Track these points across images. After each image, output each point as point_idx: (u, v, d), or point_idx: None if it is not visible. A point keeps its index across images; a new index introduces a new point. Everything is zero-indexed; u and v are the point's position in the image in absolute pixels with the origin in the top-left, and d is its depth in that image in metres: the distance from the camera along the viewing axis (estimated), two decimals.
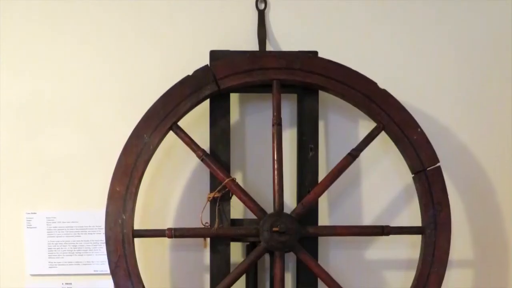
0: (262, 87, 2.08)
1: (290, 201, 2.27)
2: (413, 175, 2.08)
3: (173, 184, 2.28)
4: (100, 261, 2.27)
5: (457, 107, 2.31)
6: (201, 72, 2.02)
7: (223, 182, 2.02)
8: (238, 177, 2.26)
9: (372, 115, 2.07)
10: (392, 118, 2.05)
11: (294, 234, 1.98)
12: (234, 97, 2.22)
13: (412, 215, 2.28)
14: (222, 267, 2.11)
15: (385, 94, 2.06)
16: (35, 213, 2.26)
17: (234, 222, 2.14)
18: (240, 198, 2.04)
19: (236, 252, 2.25)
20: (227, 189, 2.05)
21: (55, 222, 2.26)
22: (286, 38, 2.26)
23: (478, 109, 2.32)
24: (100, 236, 2.24)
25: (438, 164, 2.05)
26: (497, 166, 2.33)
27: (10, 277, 2.29)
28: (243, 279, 2.14)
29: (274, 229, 1.95)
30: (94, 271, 2.28)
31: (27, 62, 2.25)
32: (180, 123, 2.03)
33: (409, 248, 2.30)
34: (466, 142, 2.32)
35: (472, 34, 2.31)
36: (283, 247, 1.99)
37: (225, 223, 2.09)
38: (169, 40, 2.24)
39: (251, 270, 2.16)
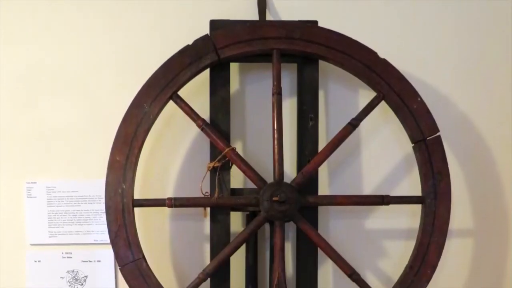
0: (262, 57, 2.10)
1: (290, 171, 2.30)
2: (413, 145, 2.12)
3: (173, 153, 2.30)
4: (100, 230, 2.31)
5: (457, 76, 2.33)
6: (201, 42, 2.05)
7: (223, 151, 2.05)
8: (238, 146, 2.29)
9: (372, 85, 2.10)
10: (392, 87, 2.08)
11: (294, 204, 2.01)
12: (234, 67, 2.24)
13: (412, 185, 2.32)
14: (222, 236, 2.15)
15: (385, 63, 2.09)
16: (35, 182, 2.29)
17: (234, 191, 2.17)
18: (240, 168, 2.07)
19: (236, 221, 2.29)
20: (227, 158, 2.07)
21: (55, 192, 2.30)
22: (286, 7, 2.27)
23: (478, 78, 2.34)
24: (100, 206, 2.28)
25: (438, 134, 2.09)
26: (497, 135, 2.36)
27: (10, 246, 2.32)
28: (243, 248, 2.19)
29: (274, 198, 1.98)
30: (94, 240, 2.32)
31: (26, 31, 2.27)
32: (180, 93, 2.06)
33: (409, 218, 2.34)
34: (466, 112, 2.34)
35: (472, 3, 2.32)
36: (283, 216, 2.02)
37: (225, 193, 2.12)
38: (169, 9, 2.26)
39: (251, 240, 2.21)
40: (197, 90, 2.23)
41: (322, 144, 2.17)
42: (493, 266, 2.42)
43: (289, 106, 2.30)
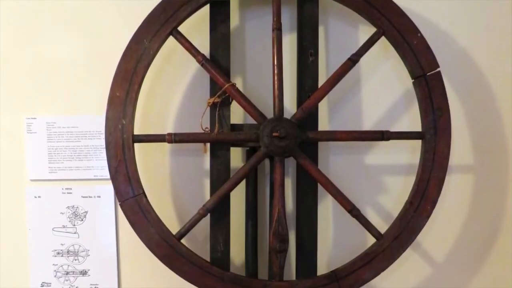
0: None
1: (290, 106, 2.36)
2: (413, 80, 2.16)
3: (173, 89, 2.37)
4: (100, 166, 2.39)
5: (457, 12, 2.36)
6: None
7: (223, 87, 2.11)
8: (238, 82, 2.35)
9: (372, 20, 2.13)
10: (392, 23, 2.12)
11: (294, 139, 2.08)
12: (234, 2, 2.29)
13: (412, 120, 2.38)
14: (222, 172, 2.23)
15: None
16: (35, 118, 2.37)
17: (234, 127, 2.24)
18: (240, 103, 2.13)
19: (236, 157, 2.38)
20: (227, 94, 2.13)
21: (55, 127, 2.37)
22: None
23: (478, 14, 2.37)
24: (100, 141, 2.37)
25: (438, 69, 2.13)
26: (497, 71, 2.39)
27: (11, 182, 2.41)
28: (243, 184, 2.28)
29: (274, 134, 2.05)
30: (94, 176, 2.41)
31: None
32: (180, 28, 2.11)
33: (409, 153, 2.42)
34: (466, 47, 2.37)
35: None
36: (283, 152, 2.09)
37: (225, 128, 2.19)
38: None
39: (251, 175, 2.29)
40: (197, 26, 2.28)
41: (322, 80, 2.20)
42: (493, 201, 2.48)
43: (289, 42, 2.34)
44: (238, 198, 2.37)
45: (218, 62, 2.20)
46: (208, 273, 2.18)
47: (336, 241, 2.49)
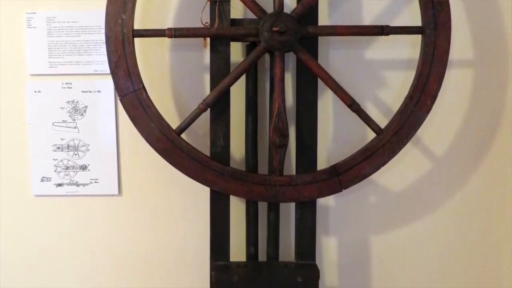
0: None
1: (290, 1, 2.41)
2: None
3: None
4: (100, 61, 2.47)
5: None
6: None
7: None
8: None
9: None
10: None
11: (294, 34, 2.14)
12: None
13: (412, 15, 2.42)
14: (222, 67, 2.28)
15: None
16: (35, 13, 2.43)
17: (234, 22, 2.29)
18: None
19: (236, 52, 2.44)
20: None
21: (55, 22, 2.44)
22: None
23: None
24: (100, 36, 2.43)
25: None
26: None
27: (11, 77, 2.51)
28: (243, 79, 2.35)
29: (274, 28, 2.10)
30: (94, 71, 2.49)
31: None
32: None
33: (409, 48, 2.48)
34: None
35: None
36: (283, 46, 2.15)
37: (225, 23, 2.23)
38: None
39: (251, 70, 2.37)
40: None
41: None
42: (492, 96, 2.56)
43: None
44: (238, 93, 2.44)
45: None
46: (208, 167, 2.26)
47: (336, 136, 2.58)
